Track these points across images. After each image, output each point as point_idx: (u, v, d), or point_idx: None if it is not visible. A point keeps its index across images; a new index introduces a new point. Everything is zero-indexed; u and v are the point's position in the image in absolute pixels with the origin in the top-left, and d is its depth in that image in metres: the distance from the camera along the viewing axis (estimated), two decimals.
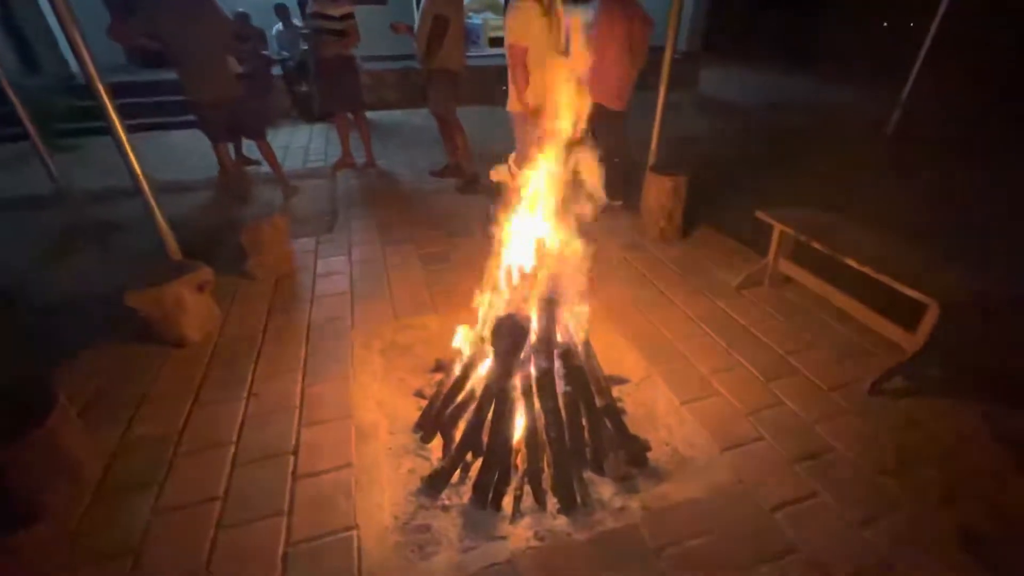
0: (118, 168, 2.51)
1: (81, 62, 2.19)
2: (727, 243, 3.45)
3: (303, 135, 6.24)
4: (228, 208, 4.09)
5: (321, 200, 4.29)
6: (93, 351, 2.38)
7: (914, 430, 1.94)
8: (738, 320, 2.63)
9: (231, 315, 2.66)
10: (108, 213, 3.86)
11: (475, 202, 4.21)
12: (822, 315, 2.62)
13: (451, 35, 3.90)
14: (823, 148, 5.04)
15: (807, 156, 4.80)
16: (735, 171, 4.70)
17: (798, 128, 6.37)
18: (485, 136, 5.89)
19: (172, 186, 4.37)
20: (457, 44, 4.01)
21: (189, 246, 2.74)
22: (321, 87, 4.66)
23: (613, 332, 2.50)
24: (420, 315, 2.70)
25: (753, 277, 2.90)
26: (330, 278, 3.03)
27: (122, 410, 2.03)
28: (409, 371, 2.38)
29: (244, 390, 2.14)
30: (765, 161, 4.99)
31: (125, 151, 2.40)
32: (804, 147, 5.28)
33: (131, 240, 3.54)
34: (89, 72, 2.20)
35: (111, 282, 2.73)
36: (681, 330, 2.54)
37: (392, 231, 3.65)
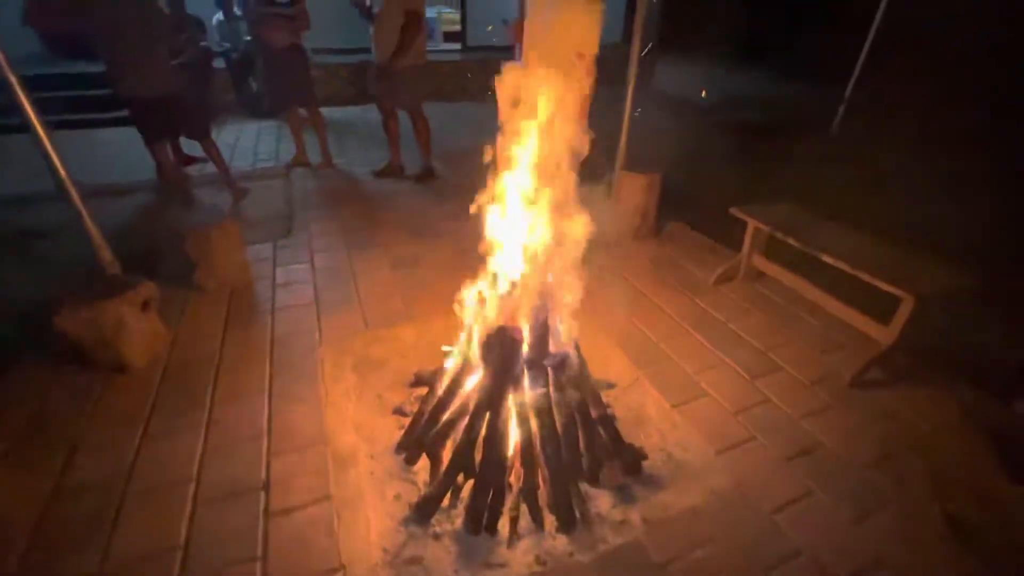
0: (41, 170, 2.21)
1: None
2: (698, 239, 3.48)
3: (251, 133, 5.83)
4: (170, 213, 3.74)
5: (275, 202, 4.00)
6: (13, 378, 2.08)
7: (895, 422, 2.00)
8: (717, 317, 2.64)
9: (181, 334, 2.40)
10: (28, 220, 3.44)
11: (439, 201, 4.06)
12: (797, 310, 2.67)
13: (421, 29, 3.75)
14: (776, 143, 5.21)
15: (762, 151, 4.94)
16: (697, 166, 4.77)
17: (752, 123, 6.57)
18: (445, 130, 5.74)
19: (104, 189, 3.96)
20: (424, 38, 3.86)
21: (127, 257, 2.45)
22: (270, 80, 4.35)
23: (596, 334, 2.44)
24: (393, 325, 2.54)
25: (728, 273, 2.93)
26: (291, 288, 2.81)
27: (55, 451, 1.77)
28: (386, 387, 2.22)
29: (202, 418, 1.93)
30: (724, 156, 5.10)
31: (46, 150, 2.10)
32: (759, 143, 5.44)
33: (58, 250, 3.16)
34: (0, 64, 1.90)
35: (33, 298, 2.43)
36: (664, 330, 2.52)
37: (356, 234, 3.45)
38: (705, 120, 7.12)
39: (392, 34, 3.71)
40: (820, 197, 2.85)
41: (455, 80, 8.03)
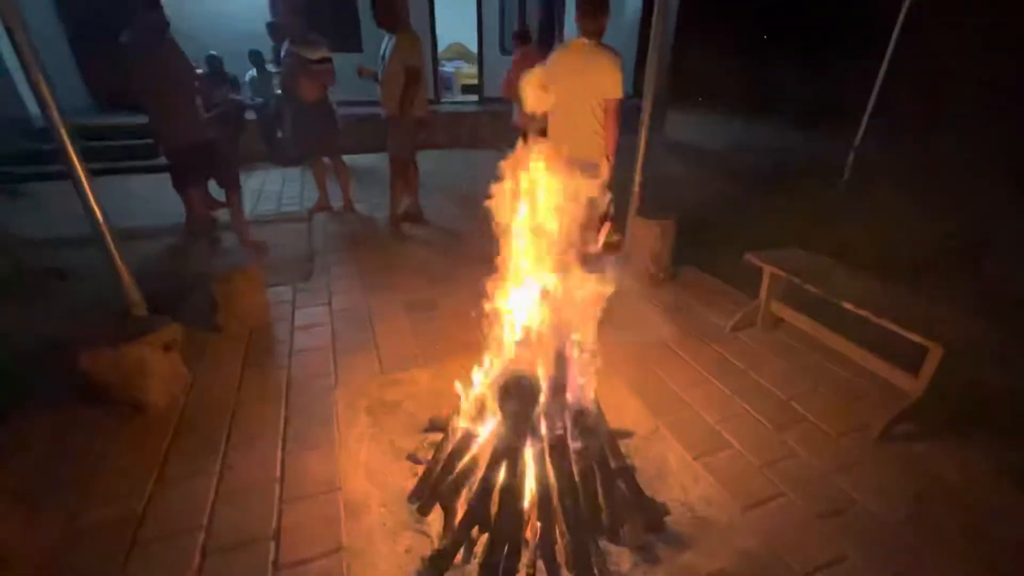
0: (72, 215, 2.32)
1: (43, 104, 2.03)
2: (714, 284, 3.47)
3: (276, 179, 6.09)
4: (196, 256, 3.86)
5: (297, 246, 4.12)
6: (34, 416, 2.11)
7: (928, 476, 1.90)
8: (737, 364, 2.59)
9: (200, 375, 2.42)
10: (60, 261, 3.58)
11: (456, 245, 4.14)
12: (819, 357, 2.61)
13: (420, 84, 3.96)
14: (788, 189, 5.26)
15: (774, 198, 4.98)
16: (709, 212, 4.82)
17: (763, 171, 6.67)
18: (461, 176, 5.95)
19: (134, 233, 4.11)
20: (424, 92, 4.08)
21: (153, 298, 2.52)
22: (297, 130, 4.58)
23: (612, 380, 2.40)
24: (408, 368, 2.54)
25: (745, 319, 2.90)
26: (309, 330, 2.84)
27: (69, 491, 1.76)
28: (400, 432, 2.19)
29: (216, 462, 1.91)
30: (736, 203, 5.16)
31: (86, 195, 2.21)
32: (770, 190, 5.50)
33: (87, 290, 3.27)
34: (52, 113, 2.05)
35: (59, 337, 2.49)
36: (682, 377, 2.47)
37: (373, 277, 3.51)
38: (716, 167, 7.26)
39: (392, 89, 3.91)
40: (834, 243, 2.85)
41: (472, 129, 8.38)
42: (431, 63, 8.85)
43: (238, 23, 6.98)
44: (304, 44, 4.16)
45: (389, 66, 3.88)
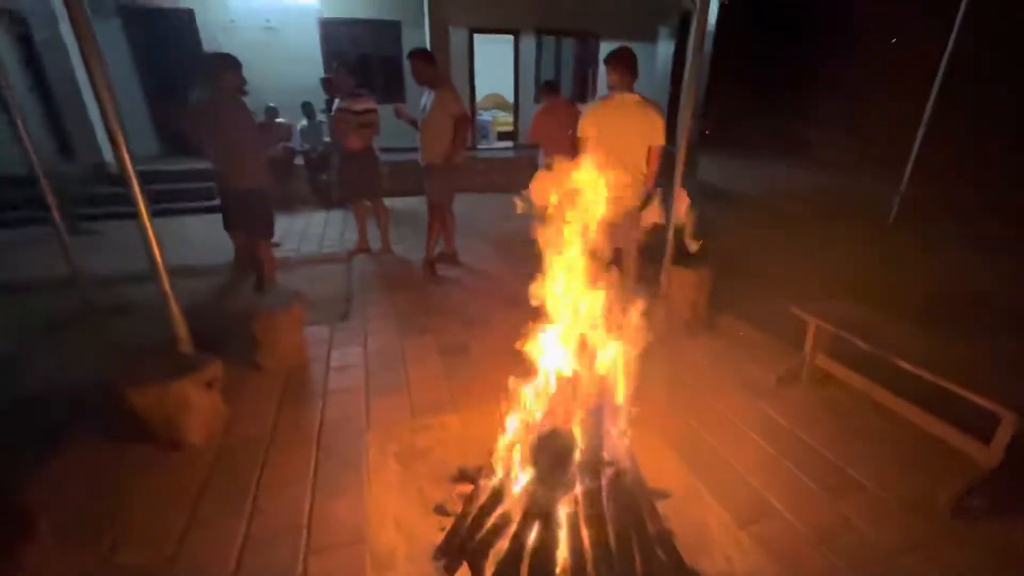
0: (134, 252, 2.47)
1: (116, 150, 2.22)
2: (754, 335, 3.34)
3: (319, 220, 6.38)
4: (241, 294, 4.03)
5: (336, 286, 4.25)
6: (80, 450, 2.18)
7: (1009, 561, 1.69)
8: (782, 423, 2.44)
9: (237, 413, 2.47)
10: (118, 297, 3.79)
11: (491, 289, 4.17)
12: (874, 418, 2.44)
13: (468, 129, 4.14)
14: (828, 236, 5.11)
15: (814, 244, 4.84)
16: (745, 258, 4.71)
17: (801, 216, 6.53)
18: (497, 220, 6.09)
19: (186, 270, 4.35)
20: (466, 139, 4.26)
21: (199, 334, 2.62)
22: (342, 176, 4.82)
23: (648, 435, 2.30)
24: (439, 413, 2.52)
25: (790, 374, 2.75)
26: (344, 371, 2.88)
27: (105, 527, 1.79)
28: (429, 480, 2.15)
29: (247, 504, 1.91)
30: (774, 248, 5.03)
31: (147, 234, 2.36)
32: (810, 235, 5.36)
33: (139, 326, 3.44)
34: (123, 159, 2.23)
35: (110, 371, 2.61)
36: (723, 434, 2.35)
37: (408, 319, 3.56)
38: (751, 211, 7.15)
39: (435, 138, 4.06)
40: (884, 291, 2.72)
41: (507, 174, 8.63)
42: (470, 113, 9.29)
43: (294, 78, 7.56)
44: (353, 98, 4.45)
45: (430, 116, 4.07)
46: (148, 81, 7.58)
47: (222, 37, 7.37)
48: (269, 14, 7.70)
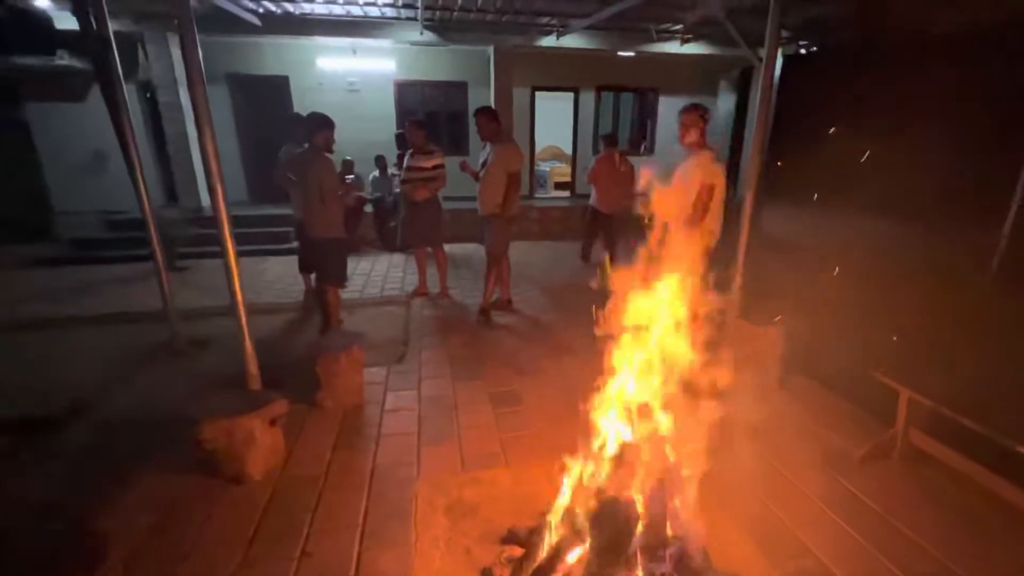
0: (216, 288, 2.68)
1: (214, 198, 2.47)
2: (831, 400, 3.05)
3: (383, 264, 6.70)
4: (308, 333, 4.24)
5: (395, 328, 4.38)
6: (152, 479, 2.31)
7: None
8: (871, 505, 2.16)
9: (295, 451, 2.54)
10: (199, 331, 4.10)
11: (544, 336, 4.13)
12: (984, 508, 2.11)
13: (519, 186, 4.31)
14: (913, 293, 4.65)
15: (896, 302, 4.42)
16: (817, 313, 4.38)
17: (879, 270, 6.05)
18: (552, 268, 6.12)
19: (260, 308, 4.66)
20: (519, 194, 4.41)
21: (266, 370, 2.76)
22: (407, 223, 5.08)
23: (717, 512, 2.10)
24: (489, 467, 2.46)
25: (878, 450, 2.47)
26: (398, 414, 2.91)
27: (167, 560, 1.85)
28: (476, 539, 2.06)
29: (297, 547, 1.92)
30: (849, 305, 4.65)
31: (232, 276, 2.57)
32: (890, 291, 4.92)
33: (214, 359, 3.69)
34: (219, 205, 2.48)
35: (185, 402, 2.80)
36: (801, 514, 2.11)
37: (462, 365, 3.58)
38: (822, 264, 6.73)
39: (494, 191, 4.22)
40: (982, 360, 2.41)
41: (563, 223, 8.76)
42: (528, 163, 9.61)
43: (370, 134, 8.22)
44: (424, 155, 4.75)
45: (490, 171, 4.25)
46: (245, 137, 8.52)
47: (309, 99, 8.20)
48: (352, 77, 8.52)
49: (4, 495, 2.29)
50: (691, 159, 3.21)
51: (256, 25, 6.78)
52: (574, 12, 6.95)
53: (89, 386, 3.26)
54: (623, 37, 8.19)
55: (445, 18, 7.15)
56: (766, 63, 3.30)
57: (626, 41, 8.28)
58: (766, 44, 3.27)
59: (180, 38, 2.36)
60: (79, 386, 3.26)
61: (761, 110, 3.37)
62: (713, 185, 3.15)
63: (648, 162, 8.09)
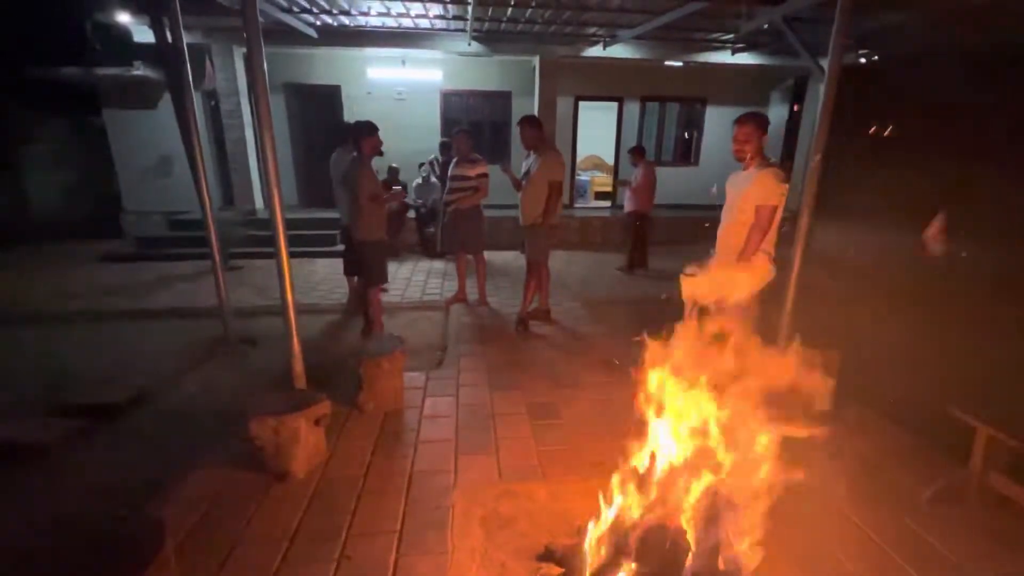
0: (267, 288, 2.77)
1: (271, 202, 2.57)
2: (894, 434, 2.84)
3: (424, 269, 6.80)
4: (351, 335, 4.34)
5: (433, 334, 4.42)
6: (203, 472, 2.39)
7: None
8: (944, 552, 1.98)
9: (337, 452, 2.58)
10: (251, 329, 4.27)
11: (582, 349, 4.06)
12: None
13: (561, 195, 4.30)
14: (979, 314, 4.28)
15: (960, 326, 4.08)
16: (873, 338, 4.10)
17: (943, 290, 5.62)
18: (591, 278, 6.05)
19: (307, 308, 4.82)
20: (560, 203, 4.39)
21: (311, 370, 2.83)
22: (448, 231, 5.12)
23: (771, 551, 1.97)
24: (526, 480, 2.41)
25: (949, 491, 2.26)
26: (436, 421, 2.91)
27: (214, 554, 1.90)
28: (512, 553, 2.02)
29: (337, 549, 1.93)
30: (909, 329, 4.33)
31: (284, 276, 2.65)
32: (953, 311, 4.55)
33: (264, 356, 3.82)
34: (275, 209, 2.57)
35: (236, 397, 2.90)
36: (863, 558, 1.95)
37: (500, 374, 3.56)
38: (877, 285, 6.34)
39: (536, 200, 4.21)
40: None
41: (603, 233, 8.66)
42: (570, 173, 9.57)
43: (415, 142, 8.40)
44: (469, 163, 4.80)
45: (532, 180, 4.24)
46: (297, 143, 8.90)
47: (359, 107, 8.48)
48: (400, 87, 8.76)
49: (75, 477, 2.44)
50: (744, 175, 2.99)
51: (313, 37, 7.09)
52: (623, 23, 6.90)
53: (148, 377, 3.45)
54: (671, 47, 8.08)
55: (493, 29, 7.25)
56: (829, 72, 3.15)
57: (674, 51, 8.16)
58: (829, 53, 3.11)
59: (247, 50, 2.48)
60: (139, 376, 3.45)
61: (822, 122, 3.20)
62: (775, 207, 2.86)
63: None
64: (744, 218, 2.93)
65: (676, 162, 10.14)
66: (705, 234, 3.37)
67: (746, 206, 2.91)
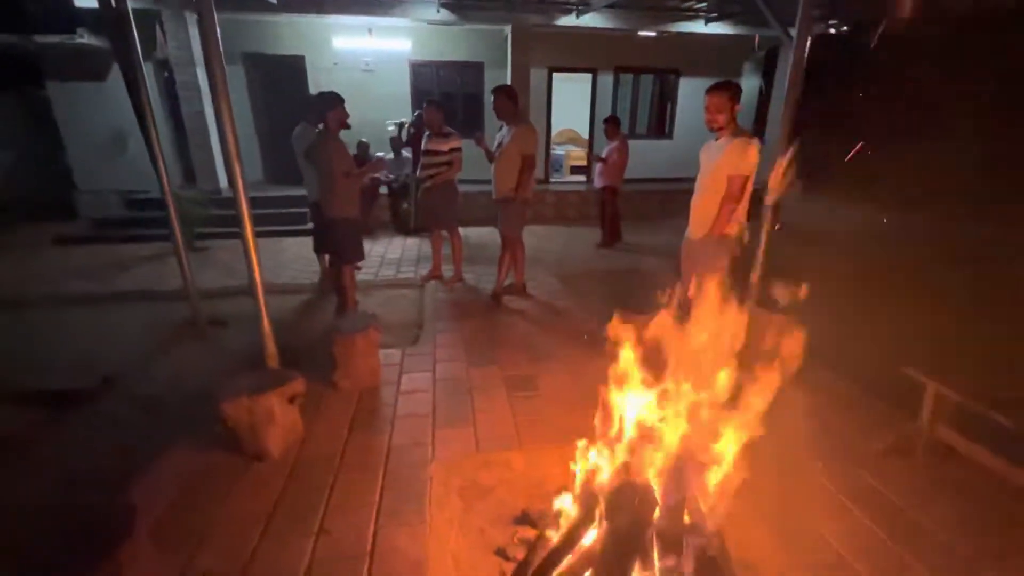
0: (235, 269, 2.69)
1: (233, 179, 2.47)
2: (851, 393, 2.99)
3: (398, 246, 6.71)
4: (324, 314, 4.28)
5: (409, 311, 4.39)
6: (176, 454, 2.36)
7: None
8: (893, 500, 2.12)
9: (313, 430, 2.57)
10: (219, 310, 4.16)
11: (559, 322, 4.11)
12: (1014, 507, 2.05)
13: (534, 169, 4.25)
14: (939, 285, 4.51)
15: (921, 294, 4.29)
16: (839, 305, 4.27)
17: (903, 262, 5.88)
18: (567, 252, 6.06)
19: (278, 288, 4.71)
20: (534, 175, 4.35)
21: (284, 350, 2.79)
22: (422, 207, 5.05)
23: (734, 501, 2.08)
24: (504, 450, 2.46)
25: (900, 444, 2.41)
26: (413, 396, 2.92)
27: (191, 532, 1.90)
28: (490, 520, 2.08)
29: (315, 524, 1.95)
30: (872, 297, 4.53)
31: (251, 257, 2.58)
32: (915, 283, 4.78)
33: (235, 338, 3.74)
34: (237, 186, 2.47)
35: (207, 379, 2.84)
36: (821, 508, 2.08)
37: (476, 348, 3.58)
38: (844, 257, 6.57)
39: (509, 174, 4.18)
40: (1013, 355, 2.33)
41: (579, 207, 8.66)
42: (544, 147, 9.47)
43: (385, 115, 8.14)
44: (441, 137, 4.69)
45: (505, 153, 4.19)
46: (260, 117, 8.53)
47: (324, 79, 8.15)
48: (367, 56, 8.43)
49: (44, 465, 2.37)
50: (717, 144, 3.01)
51: (272, 3, 6.72)
52: None
53: (116, 362, 3.35)
54: (644, 16, 7.97)
55: None
56: (797, 42, 3.16)
57: (647, 20, 8.06)
58: (797, 22, 3.12)
59: (198, 16, 2.34)
60: (108, 362, 3.34)
61: (791, 92, 3.23)
62: (747, 177, 2.88)
63: None
64: (716, 188, 2.96)
65: (650, 135, 10.15)
66: (682, 209, 3.38)
67: (719, 176, 2.94)
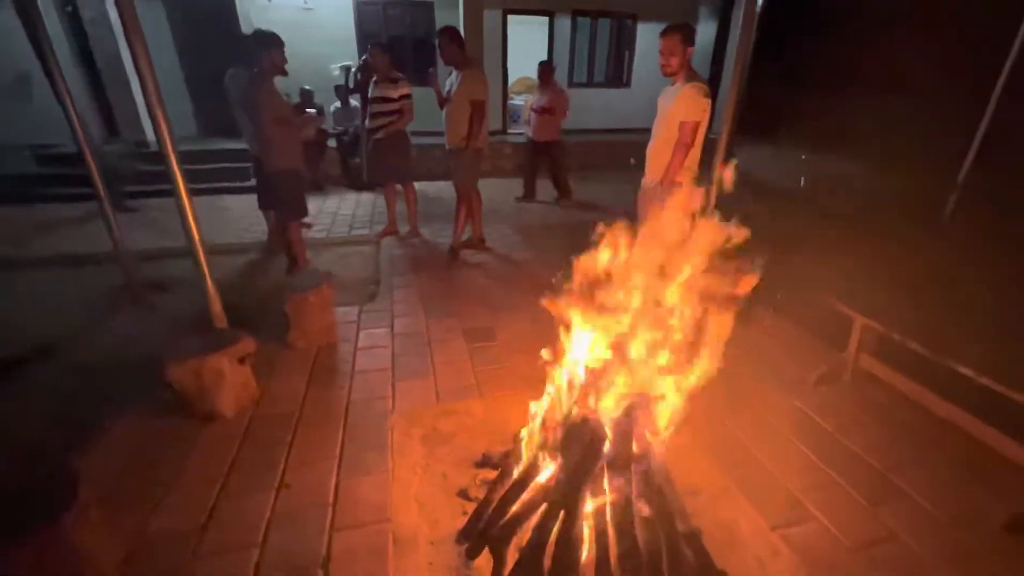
0: (172, 229, 2.52)
1: (157, 128, 2.25)
2: (789, 329, 3.20)
3: (350, 202, 6.45)
4: (273, 273, 4.11)
5: (365, 268, 4.28)
6: (123, 421, 2.27)
7: None
8: (822, 424, 2.33)
9: (268, 389, 2.52)
10: (158, 273, 3.92)
11: (518, 274, 4.13)
12: (923, 425, 2.30)
13: (484, 117, 4.10)
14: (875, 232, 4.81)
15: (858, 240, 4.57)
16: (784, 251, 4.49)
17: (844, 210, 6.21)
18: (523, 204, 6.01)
19: (222, 248, 4.47)
20: (486, 125, 4.21)
21: (233, 311, 2.68)
22: (373, 160, 4.82)
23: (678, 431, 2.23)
24: (464, 398, 2.51)
25: (830, 374, 2.63)
26: (371, 351, 2.90)
27: (145, 496, 1.86)
28: (452, 464, 2.14)
29: (275, 479, 1.95)
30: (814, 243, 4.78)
31: (186, 215, 2.40)
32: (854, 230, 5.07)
33: (177, 301, 3.56)
34: (163, 137, 2.26)
35: (151, 344, 2.71)
36: (756, 432, 2.26)
37: (435, 303, 3.56)
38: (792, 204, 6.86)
39: (459, 122, 4.05)
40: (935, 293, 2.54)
41: None
42: (501, 97, 9.14)
43: (329, 60, 7.58)
44: (390, 83, 4.42)
45: (454, 99, 4.02)
46: (188, 63, 7.75)
47: (258, 19, 7.44)
48: None
49: None
50: (672, 89, 2.99)
51: None
52: None
53: (48, 330, 3.12)
54: None
55: None
56: None
57: None
58: None
59: None
60: (38, 329, 3.11)
61: (742, 40, 3.21)
62: (698, 123, 2.89)
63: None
64: (670, 134, 2.97)
65: (608, 83, 9.97)
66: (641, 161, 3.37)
67: (671, 122, 2.94)
